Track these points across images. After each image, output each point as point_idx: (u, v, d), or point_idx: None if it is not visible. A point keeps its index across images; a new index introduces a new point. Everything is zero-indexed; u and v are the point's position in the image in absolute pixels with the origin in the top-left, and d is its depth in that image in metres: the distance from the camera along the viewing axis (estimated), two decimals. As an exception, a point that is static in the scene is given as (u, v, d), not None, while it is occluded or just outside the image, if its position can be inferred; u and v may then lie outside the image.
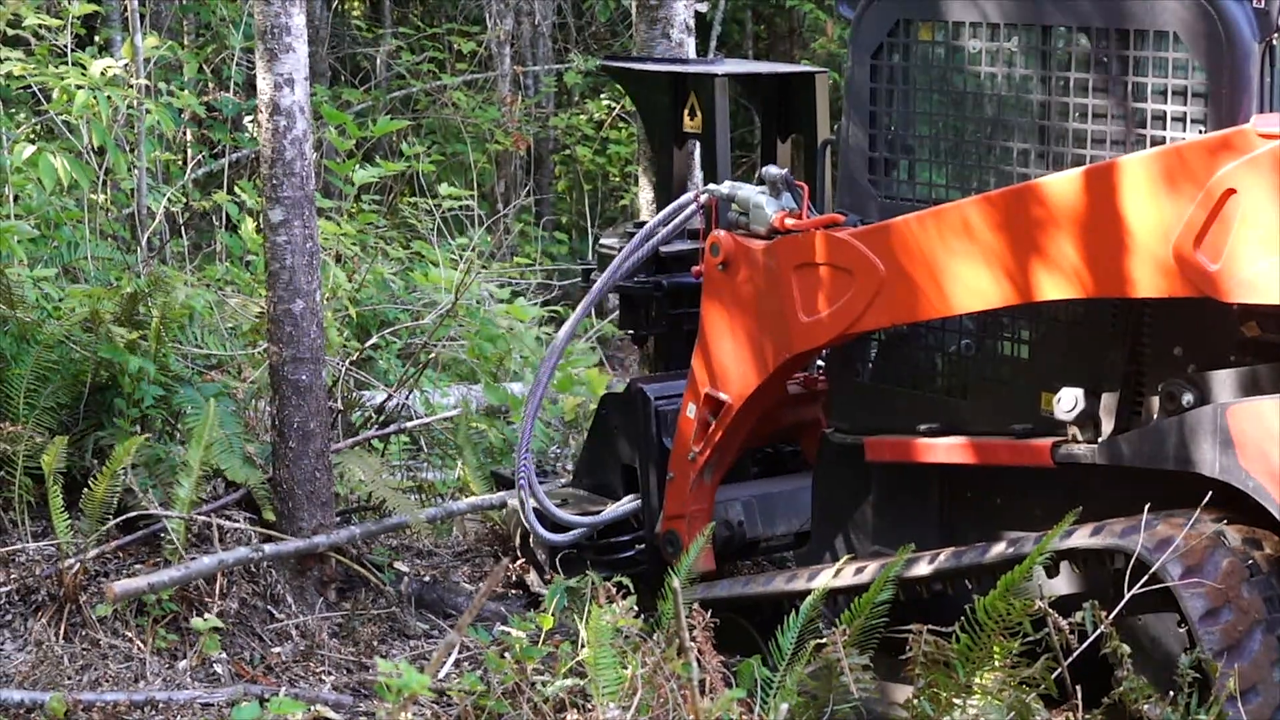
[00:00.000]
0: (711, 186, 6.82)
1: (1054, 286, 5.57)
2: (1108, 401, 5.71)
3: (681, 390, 6.87)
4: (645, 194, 9.99)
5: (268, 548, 7.17)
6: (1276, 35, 5.43)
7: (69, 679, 6.65)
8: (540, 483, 7.34)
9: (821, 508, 6.66)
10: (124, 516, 7.11)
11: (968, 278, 5.76)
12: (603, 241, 7.68)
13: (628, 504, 7.27)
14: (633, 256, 7.12)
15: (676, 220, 7.01)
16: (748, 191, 6.58)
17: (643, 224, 7.31)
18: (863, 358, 6.48)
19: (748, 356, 6.53)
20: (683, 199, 7.01)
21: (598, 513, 7.31)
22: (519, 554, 7.73)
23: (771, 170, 6.55)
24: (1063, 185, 5.51)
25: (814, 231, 6.24)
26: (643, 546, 7.25)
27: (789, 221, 6.40)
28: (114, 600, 6.78)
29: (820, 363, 6.93)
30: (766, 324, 6.44)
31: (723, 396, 6.63)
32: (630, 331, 7.67)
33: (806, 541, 6.93)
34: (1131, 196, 5.34)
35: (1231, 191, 5.14)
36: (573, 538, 7.30)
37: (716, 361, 6.66)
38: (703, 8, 9.63)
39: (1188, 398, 5.51)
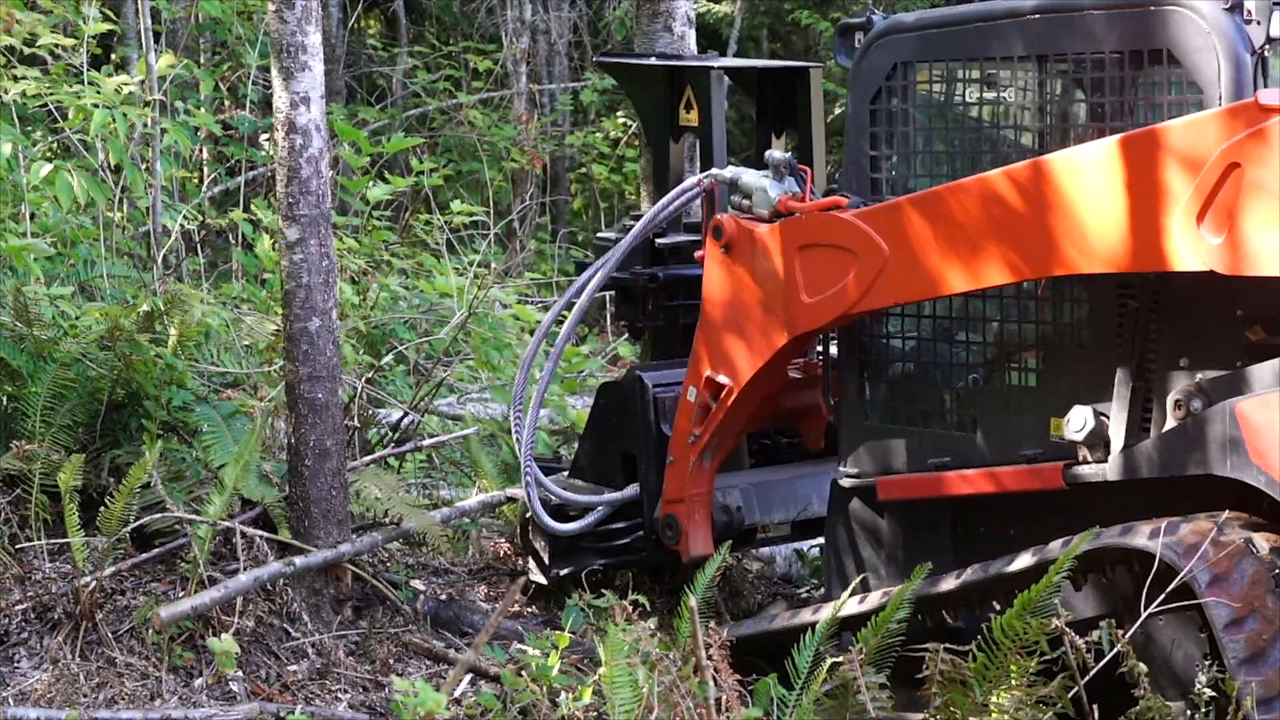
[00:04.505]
0: (714, 171, 6.91)
1: (1056, 262, 5.59)
2: (1117, 419, 5.71)
3: (679, 378, 6.92)
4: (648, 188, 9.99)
5: (298, 560, 7.17)
6: (1268, 47, 5.47)
7: (85, 697, 6.65)
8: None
9: (835, 549, 6.68)
10: (140, 524, 7.09)
11: (970, 256, 5.78)
12: (600, 234, 7.76)
13: (627, 492, 7.32)
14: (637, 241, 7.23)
15: (678, 203, 7.06)
16: (751, 175, 6.64)
17: (640, 216, 7.37)
18: (872, 400, 6.51)
19: (750, 339, 6.57)
20: (685, 184, 7.06)
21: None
22: (519, 544, 7.77)
23: (775, 154, 6.61)
24: (1068, 162, 5.53)
25: (817, 213, 6.28)
26: (641, 534, 7.27)
27: (792, 204, 6.44)
28: (160, 627, 6.74)
29: (819, 349, 6.95)
30: (769, 305, 6.48)
31: (724, 379, 6.67)
32: (626, 323, 7.73)
33: (804, 530, 7.05)
34: (1136, 171, 5.36)
35: (1236, 165, 5.15)
36: (578, 528, 7.35)
37: (718, 344, 6.69)
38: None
39: (1196, 404, 5.53)
